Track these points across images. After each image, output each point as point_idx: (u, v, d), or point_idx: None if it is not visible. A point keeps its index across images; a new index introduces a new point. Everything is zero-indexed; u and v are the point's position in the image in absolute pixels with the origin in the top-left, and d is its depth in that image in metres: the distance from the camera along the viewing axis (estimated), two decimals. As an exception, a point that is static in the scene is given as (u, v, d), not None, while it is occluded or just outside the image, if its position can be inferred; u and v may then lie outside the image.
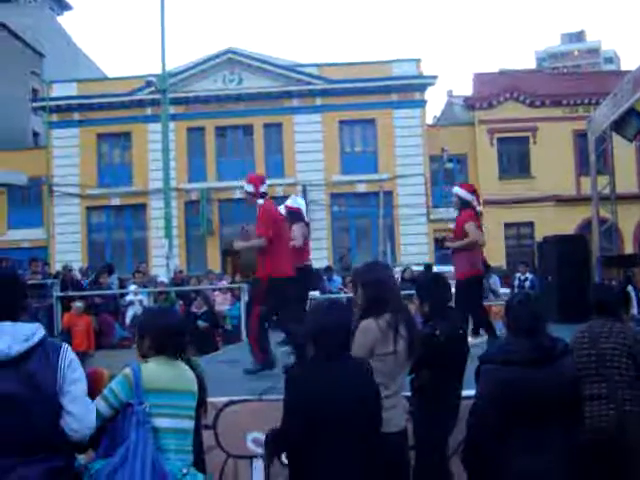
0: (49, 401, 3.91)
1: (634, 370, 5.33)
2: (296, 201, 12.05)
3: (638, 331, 5.74)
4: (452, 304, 6.80)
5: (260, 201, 9.73)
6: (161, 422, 4.43)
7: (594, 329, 5.46)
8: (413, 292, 6.19)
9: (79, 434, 4.02)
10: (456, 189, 10.99)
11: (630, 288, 12.43)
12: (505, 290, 19.19)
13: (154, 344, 4.64)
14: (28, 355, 3.90)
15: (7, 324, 3.96)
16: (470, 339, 9.72)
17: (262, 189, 9.82)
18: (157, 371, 4.52)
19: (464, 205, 10.68)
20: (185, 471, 4.48)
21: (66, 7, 57.25)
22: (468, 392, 5.75)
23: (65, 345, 4.11)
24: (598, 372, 5.28)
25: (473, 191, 10.97)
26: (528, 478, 4.43)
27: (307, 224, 11.84)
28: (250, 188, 9.78)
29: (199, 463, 5.06)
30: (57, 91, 35.49)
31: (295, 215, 11.43)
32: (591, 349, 5.33)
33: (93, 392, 4.62)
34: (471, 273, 10.34)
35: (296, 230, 11.21)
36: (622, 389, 5.28)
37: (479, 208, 11.13)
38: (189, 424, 4.59)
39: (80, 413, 4.02)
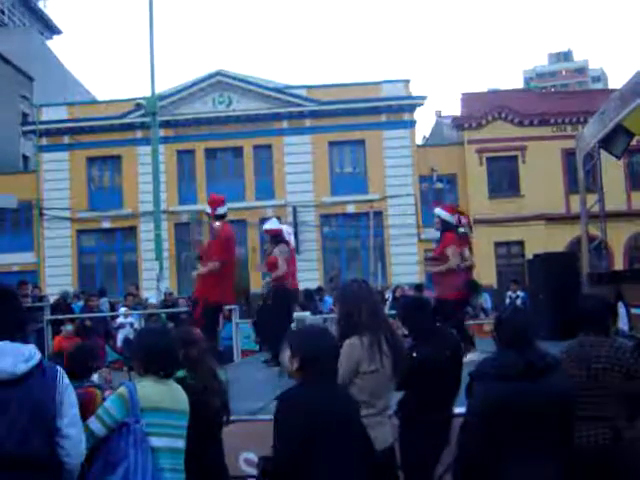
0: (44, 421, 3.89)
1: (626, 387, 5.23)
2: (274, 223, 12.11)
3: (628, 346, 5.68)
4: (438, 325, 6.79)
5: (217, 223, 9.82)
6: (157, 441, 4.42)
7: (585, 346, 5.36)
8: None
9: (73, 458, 3.99)
10: (437, 210, 11.10)
11: (620, 304, 12.44)
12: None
13: (144, 364, 4.65)
14: (28, 375, 3.89)
15: (7, 344, 3.95)
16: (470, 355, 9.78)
17: (219, 211, 9.91)
18: (152, 390, 4.52)
19: (445, 227, 10.77)
20: None
21: (55, 31, 57.52)
22: (459, 409, 5.76)
23: (60, 368, 4.10)
24: (590, 392, 5.16)
25: (453, 212, 11.06)
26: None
27: (288, 244, 11.74)
28: (208, 210, 9.98)
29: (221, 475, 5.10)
30: (47, 115, 35.55)
31: (276, 237, 11.48)
32: (582, 369, 5.23)
33: (86, 412, 4.62)
34: (451, 295, 10.45)
35: (277, 253, 11.24)
36: (615, 408, 5.18)
37: (462, 229, 11.21)
38: (182, 444, 4.60)
39: (77, 437, 4.01)
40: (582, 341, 5.44)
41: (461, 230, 11.45)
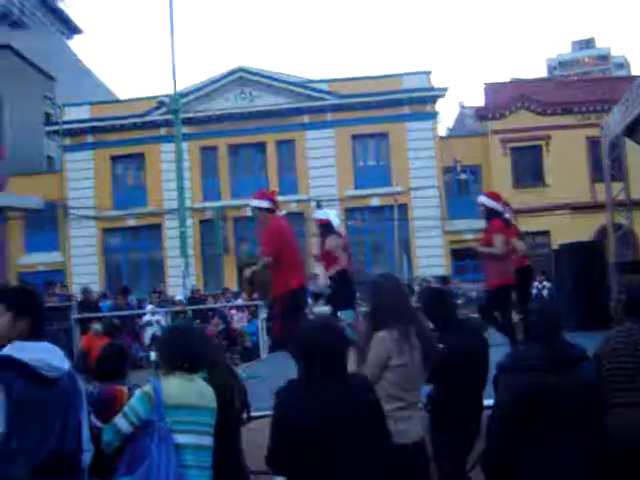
0: (76, 425, 3.95)
1: None
2: (325, 213, 11.57)
3: None
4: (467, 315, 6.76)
5: (283, 212, 9.79)
6: (182, 438, 4.44)
7: (632, 333, 5.18)
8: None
9: (85, 456, 4.03)
10: (481, 198, 10.85)
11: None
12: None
13: (170, 361, 4.67)
14: (61, 378, 3.93)
15: (48, 344, 3.99)
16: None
17: (271, 204, 9.85)
18: (177, 387, 4.54)
19: (491, 214, 10.55)
20: None
21: (76, 31, 57.75)
22: (487, 401, 5.73)
23: (76, 373, 4.16)
24: (635, 379, 5.02)
25: (498, 198, 10.83)
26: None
27: (340, 235, 11.16)
28: (263, 204, 9.79)
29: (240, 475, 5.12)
30: (70, 114, 35.73)
31: (324, 227, 10.94)
32: (629, 355, 5.07)
33: (113, 409, 4.65)
34: (497, 282, 10.26)
35: (330, 243, 10.72)
36: None
37: (507, 215, 11.00)
38: (209, 440, 4.60)
39: (87, 437, 4.05)
40: (629, 327, 5.26)
41: (507, 216, 11.21)
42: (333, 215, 11.56)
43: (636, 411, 5.01)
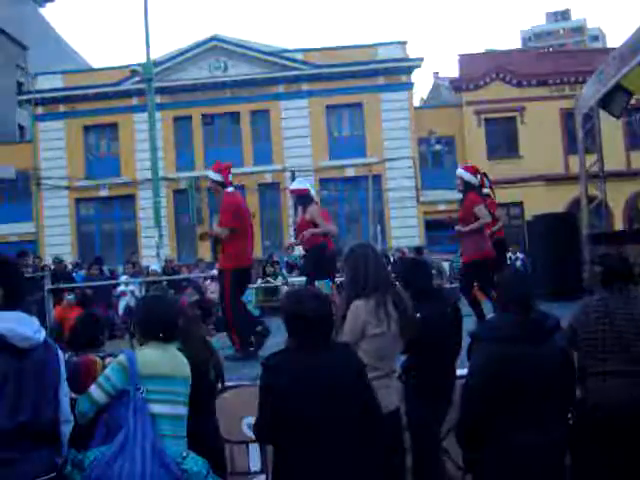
0: (52, 394, 3.94)
1: None
2: (303, 182, 11.30)
3: None
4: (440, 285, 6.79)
5: (229, 189, 9.75)
6: (157, 408, 4.44)
7: (608, 303, 5.29)
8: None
9: (66, 427, 4.05)
10: (459, 171, 10.73)
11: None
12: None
13: (145, 330, 4.66)
14: (36, 347, 3.92)
15: (20, 313, 3.97)
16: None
17: (230, 178, 9.84)
18: (152, 357, 4.54)
19: (468, 187, 10.46)
20: (185, 454, 4.51)
21: (48, -1, 56.91)
22: (461, 371, 5.77)
23: (56, 345, 4.14)
24: (613, 349, 5.13)
25: (476, 172, 10.75)
26: (524, 454, 4.43)
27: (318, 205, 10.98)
28: (217, 177, 9.82)
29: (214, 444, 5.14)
30: (42, 84, 35.31)
31: (304, 197, 10.66)
32: (607, 324, 5.18)
33: (87, 380, 4.64)
34: (476, 256, 10.19)
35: (311, 213, 10.45)
36: (637, 365, 5.10)
37: (485, 190, 10.98)
38: (184, 410, 4.61)
39: (68, 409, 4.07)
40: (605, 297, 5.38)
41: (485, 191, 11.18)
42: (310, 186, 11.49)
43: (615, 379, 5.10)
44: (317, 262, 10.28)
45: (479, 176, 10.73)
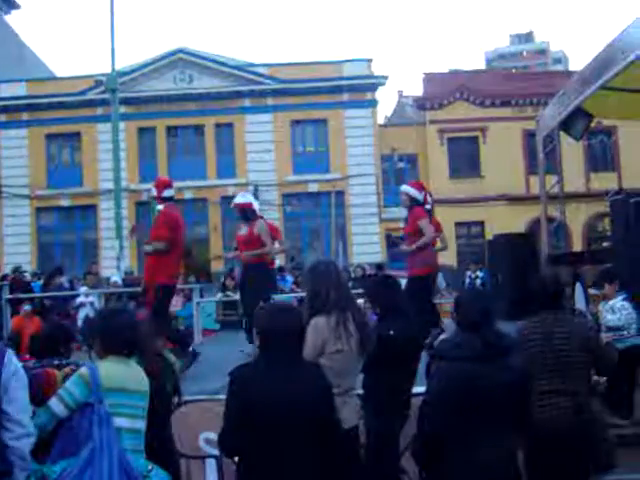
0: None
1: (586, 361, 5.41)
2: (245, 196, 11.13)
3: (588, 323, 5.82)
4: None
5: (160, 206, 9.78)
6: (118, 421, 4.41)
7: (544, 324, 5.48)
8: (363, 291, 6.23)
9: (22, 444, 3.93)
10: (404, 187, 10.69)
11: (578, 285, 12.57)
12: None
13: (105, 344, 4.63)
14: None
15: None
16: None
17: (165, 194, 9.83)
18: (114, 370, 4.51)
19: (414, 203, 10.41)
20: (150, 468, 4.49)
21: (14, 6, 56.41)
22: (419, 389, 5.80)
23: (10, 352, 4.04)
24: (553, 367, 5.32)
25: (422, 189, 10.72)
26: (478, 472, 4.47)
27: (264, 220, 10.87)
28: (153, 192, 9.88)
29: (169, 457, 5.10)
30: (5, 91, 34.99)
31: (248, 211, 10.59)
32: (545, 345, 5.36)
33: (45, 393, 4.59)
34: (422, 271, 10.15)
35: (259, 229, 10.35)
36: (577, 382, 5.36)
37: (428, 206, 10.96)
38: (142, 424, 4.59)
39: (26, 422, 3.97)
40: (544, 318, 5.53)
41: (427, 207, 11.17)
42: (254, 200, 11.44)
43: (552, 399, 5.26)
44: (263, 279, 10.17)
45: (423, 193, 10.73)
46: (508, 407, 4.59)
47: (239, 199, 10.83)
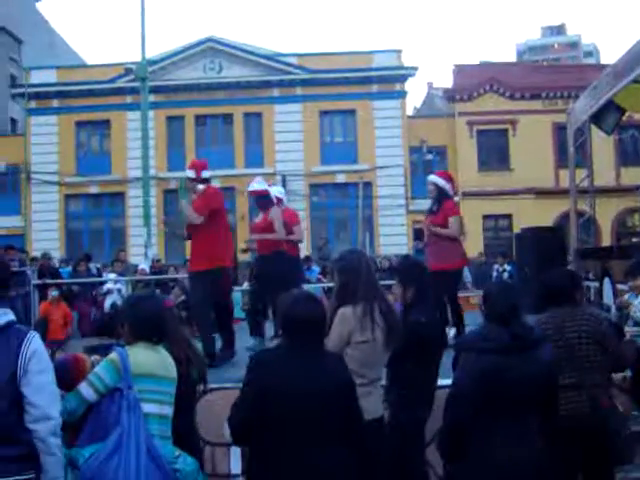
0: (6, 389, 3.81)
1: (601, 355, 5.42)
2: (261, 183, 10.82)
3: (601, 316, 5.78)
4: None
5: (200, 186, 9.58)
6: (146, 407, 4.43)
7: (557, 318, 5.49)
8: (391, 282, 6.10)
9: (42, 426, 3.88)
10: (432, 177, 10.37)
11: (606, 280, 12.50)
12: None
13: (134, 330, 4.64)
14: None
15: None
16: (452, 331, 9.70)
17: (204, 174, 9.67)
18: (143, 356, 4.53)
19: (442, 195, 10.12)
20: (177, 454, 4.51)
21: (45, -7, 56.72)
22: (445, 381, 5.77)
23: (31, 333, 4.01)
24: (567, 361, 5.31)
25: (450, 179, 10.41)
26: (506, 466, 4.44)
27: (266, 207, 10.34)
28: (190, 174, 9.69)
29: (193, 444, 5.11)
30: (36, 78, 35.24)
31: (263, 199, 10.34)
32: (558, 339, 5.35)
33: (76, 377, 4.61)
34: (454, 265, 9.95)
35: (272, 216, 10.07)
36: (592, 376, 5.37)
37: (456, 198, 10.67)
38: (170, 410, 4.61)
39: (44, 404, 3.90)
40: (555, 312, 5.56)
41: (456, 199, 10.86)
42: (277, 190, 11.21)
43: (568, 392, 5.25)
44: (273, 269, 9.81)
45: (451, 184, 10.32)
46: (534, 402, 4.57)
47: (255, 186, 10.62)
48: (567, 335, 5.39)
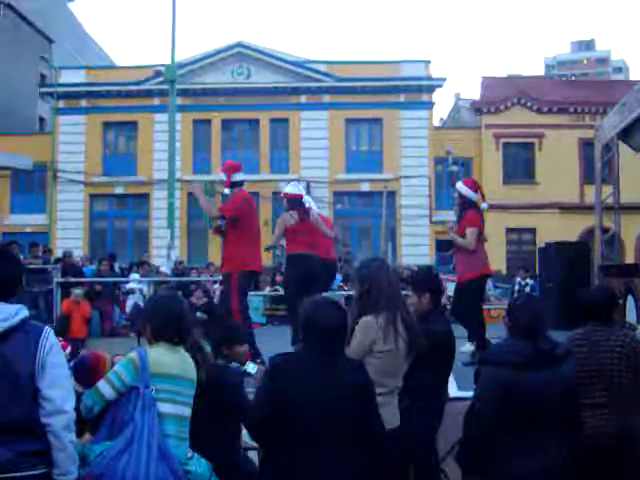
0: (20, 383, 3.83)
1: (633, 375, 5.30)
2: (296, 187, 10.78)
3: (634, 337, 5.72)
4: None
5: (226, 190, 9.58)
6: (164, 407, 4.44)
7: (591, 336, 5.39)
8: (409, 292, 6.04)
9: (55, 420, 3.88)
10: (459, 185, 10.23)
11: (630, 298, 12.40)
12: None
13: (155, 330, 4.66)
14: (6, 335, 3.84)
15: None
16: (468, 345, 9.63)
17: (235, 178, 9.64)
18: (162, 356, 4.54)
19: (467, 204, 10.03)
20: (190, 455, 4.51)
21: (77, -5, 57.10)
22: (466, 393, 5.75)
23: (47, 329, 4.02)
24: (598, 380, 5.23)
25: (477, 188, 10.25)
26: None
27: (305, 211, 10.28)
28: (222, 177, 9.67)
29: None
30: (65, 77, 35.49)
31: (297, 203, 10.30)
32: (590, 358, 5.27)
33: (95, 375, 4.64)
34: (474, 274, 9.81)
35: (316, 219, 10.32)
36: (621, 396, 5.25)
37: (484, 205, 10.43)
38: (188, 411, 4.61)
39: (59, 399, 3.90)
40: (589, 329, 5.44)
41: (484, 206, 10.64)
42: (307, 199, 11.20)
43: (596, 410, 5.16)
44: (296, 273, 9.86)
45: (479, 192, 10.17)
46: (556, 416, 4.54)
47: (290, 189, 10.59)
48: (601, 354, 5.28)
